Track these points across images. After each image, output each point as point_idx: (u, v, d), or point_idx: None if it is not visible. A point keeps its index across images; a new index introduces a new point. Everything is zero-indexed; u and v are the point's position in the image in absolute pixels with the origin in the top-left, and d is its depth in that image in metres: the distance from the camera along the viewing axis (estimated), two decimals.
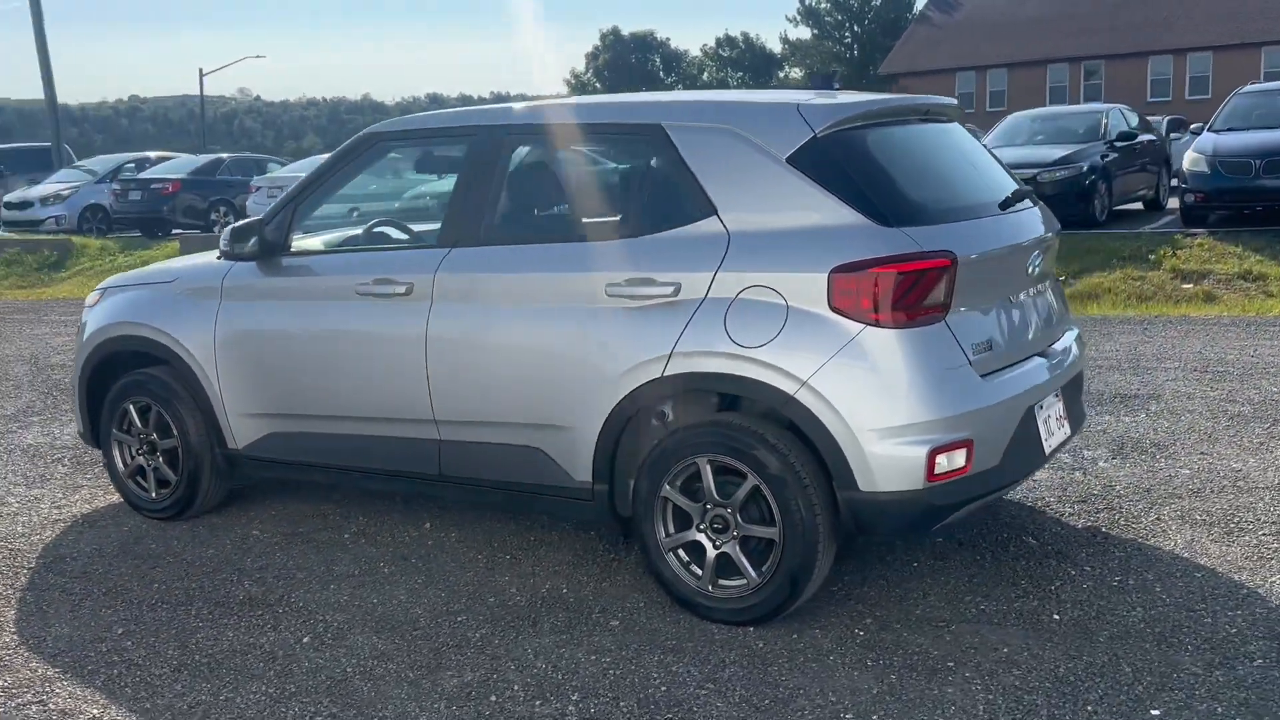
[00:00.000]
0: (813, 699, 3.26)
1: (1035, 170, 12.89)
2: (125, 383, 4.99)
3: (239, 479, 5.03)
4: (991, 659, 3.43)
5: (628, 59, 73.01)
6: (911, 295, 3.51)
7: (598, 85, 71.11)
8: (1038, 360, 3.97)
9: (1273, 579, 3.88)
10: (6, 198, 23.21)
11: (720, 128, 3.81)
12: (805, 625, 3.70)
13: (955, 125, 4.35)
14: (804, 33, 61.62)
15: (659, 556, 3.80)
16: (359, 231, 5.07)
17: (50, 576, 4.43)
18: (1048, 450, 3.93)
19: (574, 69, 78.52)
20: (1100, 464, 5.20)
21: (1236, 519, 4.46)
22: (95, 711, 3.36)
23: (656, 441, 3.79)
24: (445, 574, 4.26)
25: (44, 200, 22.34)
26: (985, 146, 4.56)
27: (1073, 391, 4.24)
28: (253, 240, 4.51)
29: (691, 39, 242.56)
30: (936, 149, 4.18)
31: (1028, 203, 4.22)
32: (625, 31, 74.88)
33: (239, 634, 3.82)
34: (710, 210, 3.73)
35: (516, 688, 3.39)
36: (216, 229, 19.37)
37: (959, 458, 3.52)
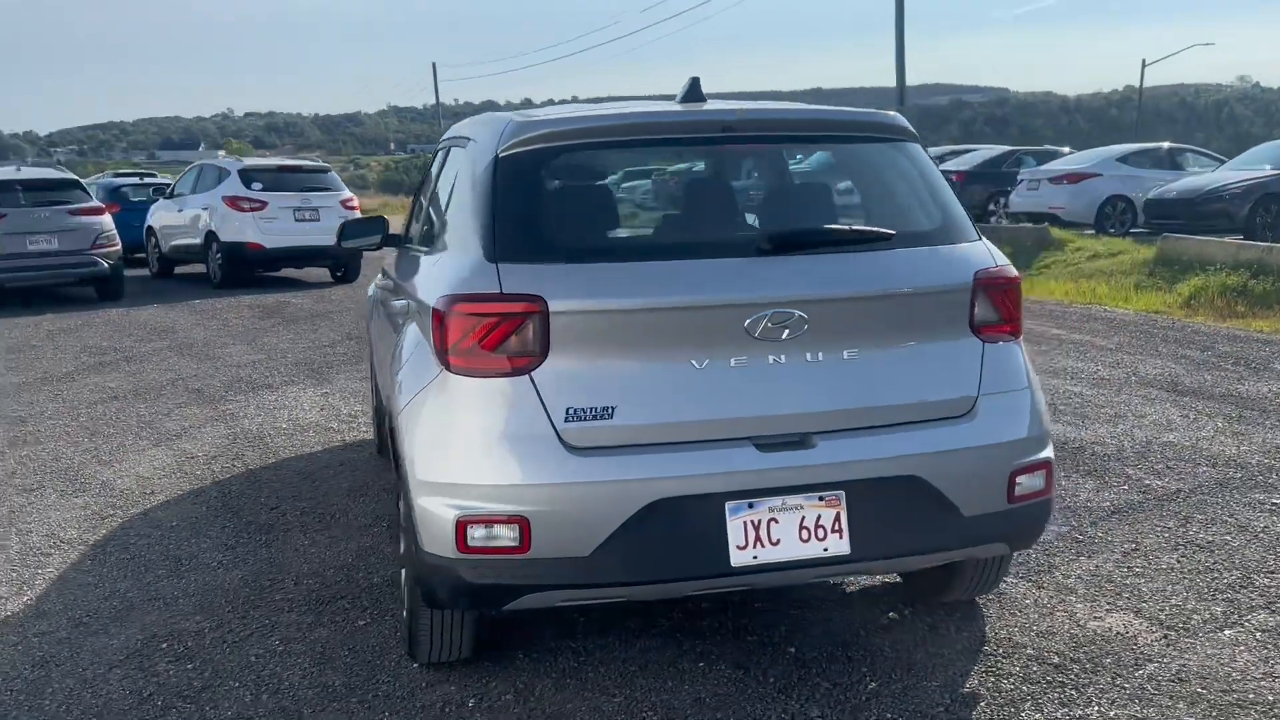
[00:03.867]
0: None
1: None
2: None
3: None
4: None
5: None
6: (487, 340, 3.13)
7: None
8: (750, 447, 3.15)
9: None
10: None
11: (464, 139, 3.90)
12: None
13: (780, 149, 4.02)
14: None
15: None
16: None
17: None
18: (743, 563, 3.13)
19: None
20: None
21: None
22: None
23: None
24: None
25: None
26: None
27: (891, 502, 3.23)
28: None
29: None
30: (686, 174, 3.95)
31: (838, 248, 3.35)
32: None
33: None
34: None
35: None
36: (993, 219, 19.88)
37: (505, 535, 3.08)
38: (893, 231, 3.42)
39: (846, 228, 3.44)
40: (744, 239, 3.45)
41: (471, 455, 3.13)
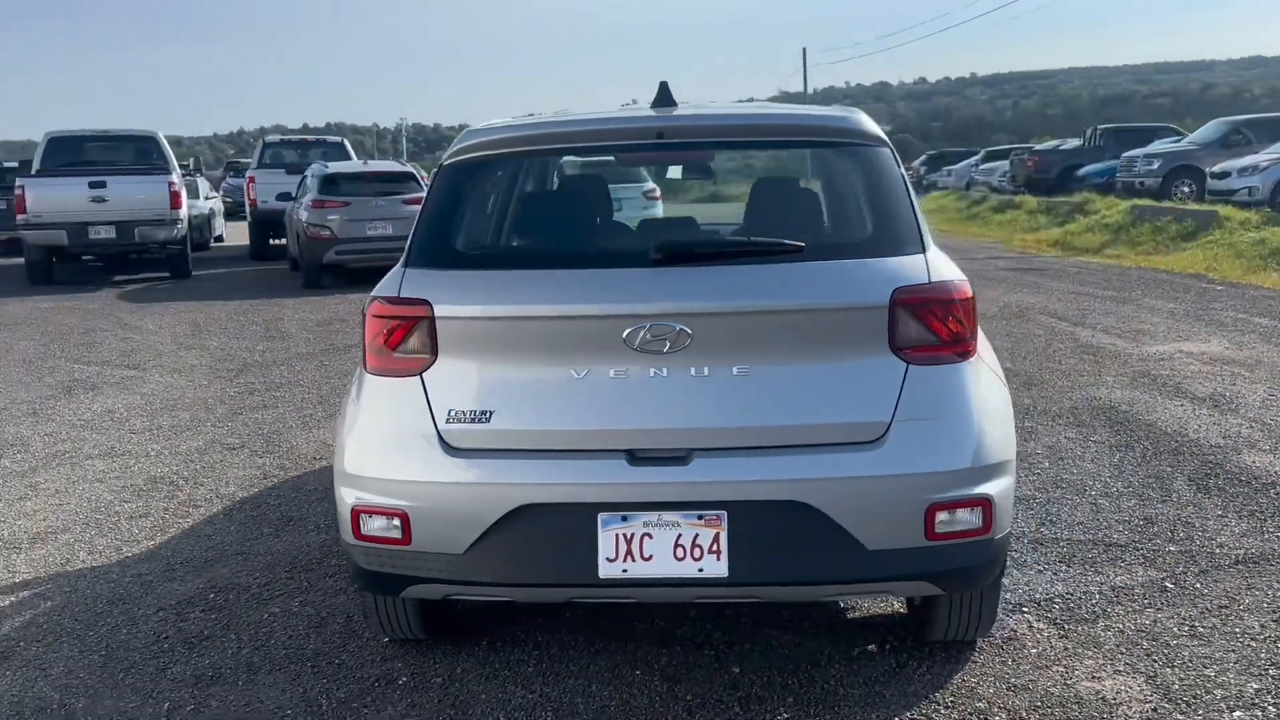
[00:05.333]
0: None
1: None
2: None
3: None
4: None
5: None
6: (390, 341, 3.31)
7: None
8: (622, 459, 3.12)
9: None
10: (1213, 168, 20.87)
11: None
12: None
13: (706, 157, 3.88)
14: None
15: None
16: None
17: None
18: (612, 575, 3.10)
19: None
20: None
21: None
22: None
23: None
24: None
25: (1242, 171, 19.86)
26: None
27: (778, 528, 3.09)
28: None
29: None
30: (598, 182, 3.78)
31: (724, 259, 3.25)
32: None
33: None
34: None
35: None
36: None
37: (391, 526, 3.23)
38: (802, 244, 3.23)
39: (744, 239, 3.29)
40: (639, 249, 3.37)
41: (368, 449, 3.33)
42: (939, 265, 3.29)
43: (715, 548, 3.11)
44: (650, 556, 3.13)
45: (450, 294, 3.28)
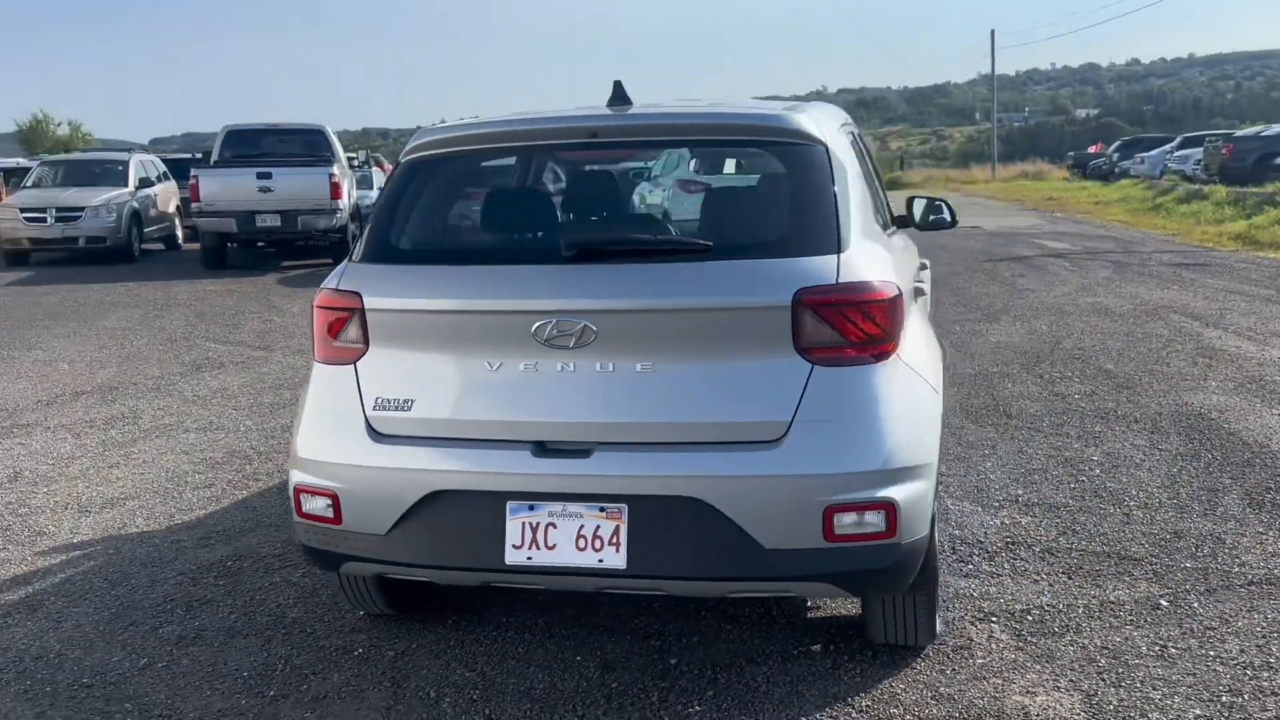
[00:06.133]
0: None
1: None
2: None
3: None
4: None
5: None
6: (331, 330, 3.52)
7: None
8: (527, 450, 3.22)
9: None
10: None
11: None
12: None
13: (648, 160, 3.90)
14: None
15: None
16: None
17: None
18: (517, 562, 3.20)
19: None
20: None
21: None
22: None
23: None
24: None
25: None
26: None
27: (675, 524, 3.13)
28: None
29: None
30: (530, 180, 3.95)
31: (643, 258, 3.31)
32: None
33: None
34: None
35: None
36: None
37: (325, 506, 3.43)
38: (709, 243, 3.25)
39: (650, 237, 3.32)
40: (554, 247, 3.45)
41: (310, 433, 3.54)
42: (855, 266, 3.24)
43: (615, 540, 3.18)
44: (554, 546, 3.23)
45: (378, 287, 3.46)
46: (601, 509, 3.20)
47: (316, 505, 3.48)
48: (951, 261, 15.50)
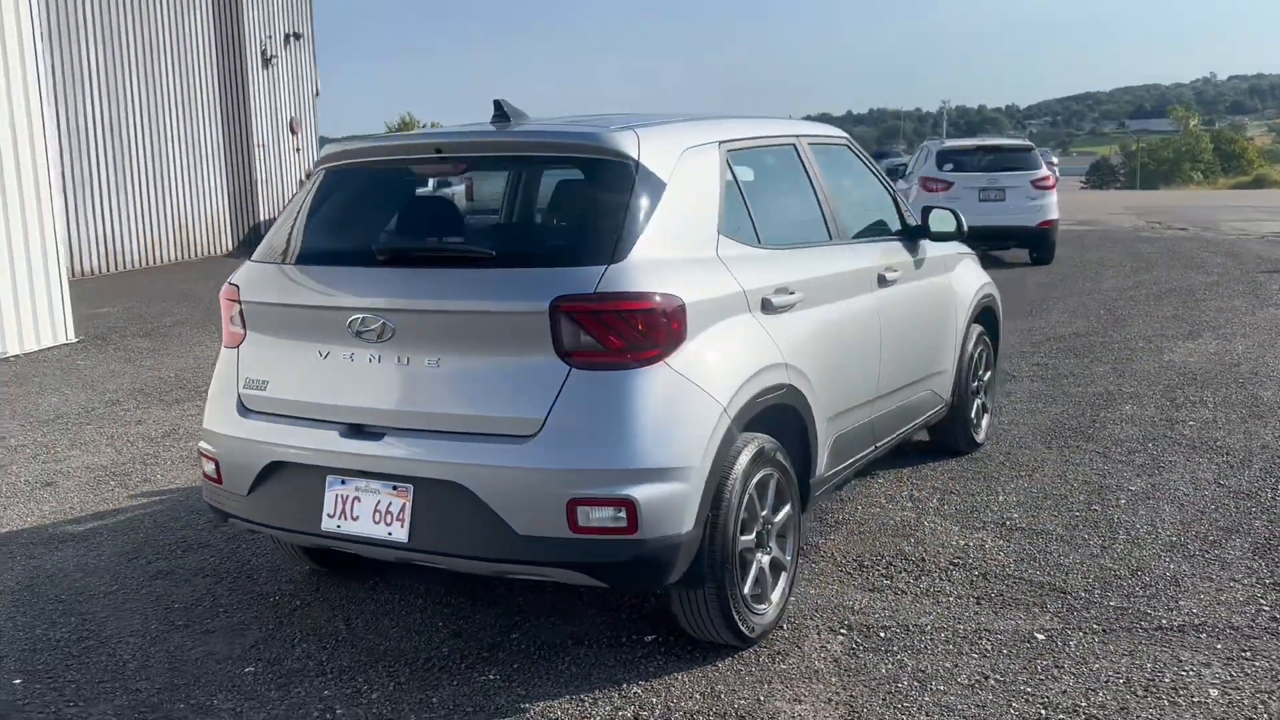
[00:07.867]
0: None
1: None
2: None
3: None
4: None
5: None
6: (230, 319, 4.10)
7: None
8: (336, 431, 3.68)
9: None
10: None
11: None
12: None
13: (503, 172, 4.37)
14: None
15: None
16: None
17: None
18: (329, 529, 3.68)
19: None
20: None
21: None
22: None
23: None
24: None
25: None
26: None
27: (447, 505, 3.47)
28: None
29: None
30: (400, 192, 4.30)
31: (451, 263, 3.69)
32: None
33: None
34: None
35: None
36: None
37: (212, 469, 4.04)
38: (491, 252, 3.54)
39: (438, 244, 3.64)
40: (370, 251, 3.86)
41: (209, 406, 4.18)
42: (626, 276, 3.42)
43: (402, 516, 3.57)
44: (358, 517, 3.66)
45: (250, 283, 4.04)
46: (395, 487, 3.60)
47: (209, 468, 4.09)
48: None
